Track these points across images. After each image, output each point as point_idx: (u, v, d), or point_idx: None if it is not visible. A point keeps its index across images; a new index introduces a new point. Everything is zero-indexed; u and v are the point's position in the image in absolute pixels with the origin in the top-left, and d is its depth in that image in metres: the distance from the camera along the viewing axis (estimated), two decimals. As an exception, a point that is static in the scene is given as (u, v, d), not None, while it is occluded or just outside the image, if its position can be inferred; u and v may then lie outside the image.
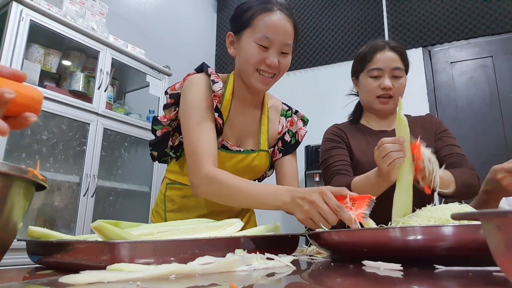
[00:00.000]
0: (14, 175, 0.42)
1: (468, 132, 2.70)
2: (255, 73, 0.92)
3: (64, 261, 0.50)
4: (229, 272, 0.47)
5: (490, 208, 1.03)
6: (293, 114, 1.10)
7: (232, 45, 0.98)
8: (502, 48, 2.75)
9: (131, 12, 2.93)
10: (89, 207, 2.01)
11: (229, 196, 0.84)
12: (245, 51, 0.91)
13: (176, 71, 2.61)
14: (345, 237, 0.59)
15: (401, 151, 0.79)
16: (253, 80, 0.93)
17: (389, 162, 0.79)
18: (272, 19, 0.90)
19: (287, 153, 1.07)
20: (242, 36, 0.93)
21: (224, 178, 0.83)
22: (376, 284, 0.43)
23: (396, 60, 1.12)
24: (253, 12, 0.91)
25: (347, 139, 1.18)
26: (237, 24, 0.95)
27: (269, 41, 0.89)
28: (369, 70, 1.14)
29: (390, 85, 1.10)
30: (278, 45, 0.90)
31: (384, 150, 0.81)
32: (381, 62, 1.12)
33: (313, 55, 3.38)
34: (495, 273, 0.44)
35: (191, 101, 0.93)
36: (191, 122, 0.91)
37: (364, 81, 1.16)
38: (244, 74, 0.94)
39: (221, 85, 0.93)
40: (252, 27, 0.91)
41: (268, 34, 0.89)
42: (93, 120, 2.09)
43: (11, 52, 1.74)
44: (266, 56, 0.90)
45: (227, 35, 0.99)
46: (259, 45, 0.89)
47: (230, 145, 0.97)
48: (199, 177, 0.86)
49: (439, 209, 0.66)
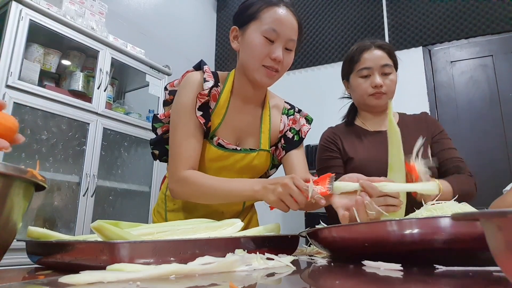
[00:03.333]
0: (13, 175, 0.41)
1: (468, 132, 2.70)
2: (260, 67, 0.91)
3: (64, 261, 0.50)
4: (229, 272, 0.47)
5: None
6: (295, 113, 1.09)
7: (236, 39, 0.97)
8: (502, 47, 2.75)
9: (131, 11, 2.93)
10: (89, 207, 2.01)
11: (203, 194, 0.89)
12: (250, 43, 0.91)
13: (176, 71, 2.61)
14: (345, 233, 0.59)
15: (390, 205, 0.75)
16: (258, 74, 0.92)
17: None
18: (279, 12, 0.91)
19: (291, 149, 1.06)
20: (247, 29, 0.92)
21: (196, 179, 0.88)
22: (376, 284, 0.43)
23: (384, 58, 1.13)
24: (260, 5, 0.92)
25: (342, 144, 1.20)
26: (242, 17, 0.95)
27: (276, 34, 0.89)
28: (358, 71, 1.15)
29: (381, 82, 1.11)
30: (284, 40, 0.91)
31: None
32: (369, 61, 1.13)
33: (313, 55, 3.38)
34: (495, 273, 0.44)
35: (181, 101, 0.94)
36: (178, 122, 0.93)
37: (355, 82, 1.17)
38: (248, 68, 0.93)
39: (211, 84, 0.93)
40: (258, 20, 0.91)
41: (275, 26, 0.89)
42: (93, 120, 2.09)
43: (11, 52, 1.74)
44: (271, 50, 0.90)
45: (231, 30, 0.98)
46: (265, 38, 0.89)
47: (226, 143, 0.96)
48: (173, 180, 0.91)
49: (438, 208, 0.66)
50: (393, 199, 0.71)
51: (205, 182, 0.87)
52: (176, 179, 0.90)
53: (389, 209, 0.72)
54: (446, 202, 0.69)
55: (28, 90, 1.80)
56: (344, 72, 1.23)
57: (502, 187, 1.40)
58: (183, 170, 0.89)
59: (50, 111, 1.90)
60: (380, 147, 1.14)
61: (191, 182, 0.88)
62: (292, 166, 1.04)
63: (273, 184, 0.77)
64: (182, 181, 0.89)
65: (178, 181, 0.90)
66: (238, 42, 0.96)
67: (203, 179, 0.88)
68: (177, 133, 0.92)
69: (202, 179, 0.88)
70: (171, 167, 0.92)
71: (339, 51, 3.28)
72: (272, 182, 0.78)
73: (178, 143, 0.92)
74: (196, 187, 0.88)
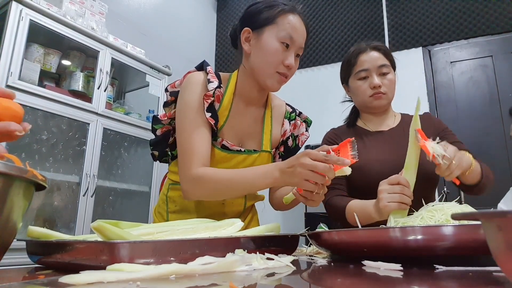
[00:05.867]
0: (13, 175, 0.41)
1: (468, 132, 2.70)
2: (274, 74, 0.91)
3: (64, 261, 0.50)
4: (229, 272, 0.47)
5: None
6: (296, 117, 1.10)
7: (247, 41, 0.96)
8: (502, 47, 2.75)
9: (131, 11, 2.93)
10: (89, 207, 2.01)
11: (222, 190, 0.85)
12: (267, 48, 0.91)
13: (176, 71, 2.61)
14: (345, 237, 0.59)
15: (400, 194, 0.79)
16: (270, 80, 0.92)
17: (385, 205, 0.80)
18: (296, 20, 0.92)
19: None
20: (263, 33, 0.92)
21: (211, 176, 0.84)
22: (376, 284, 0.43)
23: (380, 58, 1.14)
24: (278, 10, 0.92)
25: None
26: (257, 20, 0.94)
27: (292, 41, 0.90)
28: (356, 73, 1.16)
29: (379, 82, 1.12)
30: (297, 47, 0.92)
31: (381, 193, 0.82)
32: (366, 63, 1.14)
33: (313, 55, 3.38)
34: (495, 273, 0.44)
35: (187, 100, 0.93)
36: (185, 121, 0.91)
37: (354, 85, 1.18)
38: (261, 72, 0.93)
39: (215, 84, 0.92)
40: (275, 25, 0.91)
41: (292, 33, 0.90)
42: (93, 120, 2.09)
43: (11, 52, 1.74)
44: (285, 56, 0.91)
45: (242, 31, 0.96)
46: (281, 44, 0.90)
47: (230, 145, 0.96)
48: (186, 181, 0.87)
49: (439, 209, 0.66)
50: (409, 191, 0.76)
51: (222, 178, 0.83)
52: (190, 179, 0.86)
53: (402, 206, 0.77)
54: (446, 203, 0.69)
55: (28, 90, 1.80)
56: (342, 76, 1.24)
57: (502, 187, 1.40)
58: (196, 168, 0.85)
59: (50, 111, 1.90)
60: (381, 147, 1.14)
61: (207, 180, 0.84)
62: None
63: (291, 167, 0.74)
64: (196, 181, 0.84)
65: (191, 181, 0.85)
66: (250, 45, 0.95)
67: (218, 174, 0.84)
68: (185, 132, 0.90)
69: (217, 175, 0.84)
70: (182, 167, 0.88)
71: (339, 51, 3.28)
72: (289, 165, 0.75)
73: (188, 142, 0.89)
74: (213, 185, 0.84)
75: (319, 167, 0.70)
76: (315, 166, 0.70)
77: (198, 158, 0.87)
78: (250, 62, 0.95)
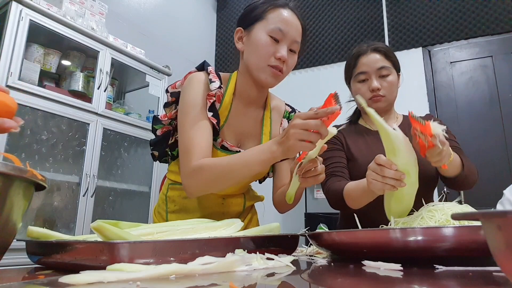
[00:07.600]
0: (13, 175, 0.41)
1: (468, 132, 2.70)
2: (266, 67, 0.91)
3: (64, 261, 0.50)
4: (229, 272, 0.47)
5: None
6: None
7: (240, 40, 0.98)
8: (502, 48, 2.75)
9: (131, 12, 2.93)
10: (89, 207, 2.01)
11: (222, 176, 0.83)
12: (256, 42, 0.91)
13: (176, 71, 2.61)
14: (345, 238, 0.59)
15: (387, 177, 0.77)
16: (263, 74, 0.92)
17: (369, 181, 0.80)
18: (285, 13, 0.92)
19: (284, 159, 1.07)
20: (253, 29, 0.93)
21: (210, 162, 0.84)
22: (376, 284, 0.43)
23: (380, 60, 1.14)
24: (266, 6, 0.93)
25: (345, 141, 1.20)
26: (248, 18, 0.95)
27: (281, 34, 0.90)
28: (356, 76, 1.16)
29: (378, 85, 1.12)
30: (288, 40, 0.92)
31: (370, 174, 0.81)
32: (365, 66, 1.14)
33: (313, 55, 3.38)
34: (495, 273, 0.44)
35: (189, 99, 0.93)
36: (187, 120, 0.91)
37: (354, 87, 1.18)
38: (254, 67, 0.93)
39: (217, 84, 0.92)
40: (265, 20, 0.92)
41: (281, 26, 0.90)
42: (93, 120, 2.09)
43: (11, 52, 1.74)
44: (276, 49, 0.91)
45: (235, 31, 0.98)
46: (271, 37, 0.90)
47: (229, 145, 0.96)
48: (186, 175, 0.86)
49: (439, 209, 0.66)
50: (390, 172, 0.76)
51: (221, 163, 0.83)
52: (190, 172, 0.85)
53: (386, 187, 0.76)
54: (447, 203, 0.69)
55: (28, 90, 1.80)
56: (345, 77, 1.25)
57: (502, 187, 1.40)
58: (195, 161, 0.85)
59: (50, 111, 1.90)
60: (383, 146, 1.14)
61: (207, 169, 0.83)
62: (282, 176, 1.06)
63: (284, 135, 0.75)
64: (196, 171, 0.84)
65: (191, 173, 0.85)
66: (243, 43, 0.97)
67: (217, 161, 0.84)
68: (187, 129, 0.90)
69: (216, 161, 0.84)
70: (183, 163, 0.88)
71: (339, 51, 3.28)
72: (283, 134, 0.76)
73: (189, 139, 0.88)
74: (213, 171, 0.83)
75: (311, 124, 0.71)
76: (306, 124, 0.71)
77: (199, 152, 0.86)
78: (244, 60, 0.96)
